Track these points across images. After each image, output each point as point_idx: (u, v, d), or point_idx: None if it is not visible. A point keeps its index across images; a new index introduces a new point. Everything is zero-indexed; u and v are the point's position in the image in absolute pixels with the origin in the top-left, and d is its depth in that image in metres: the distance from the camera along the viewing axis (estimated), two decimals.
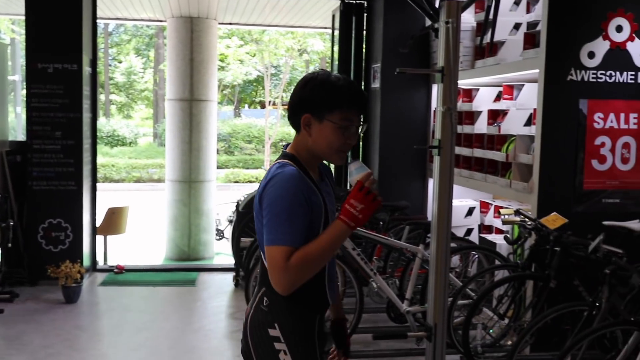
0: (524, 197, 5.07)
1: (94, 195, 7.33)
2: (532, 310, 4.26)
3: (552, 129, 4.81)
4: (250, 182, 20.77)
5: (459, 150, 6.03)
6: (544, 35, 4.79)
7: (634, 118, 4.90)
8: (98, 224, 7.67)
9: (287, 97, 28.88)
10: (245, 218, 6.73)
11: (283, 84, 19.98)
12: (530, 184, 4.90)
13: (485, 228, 6.52)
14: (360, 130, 2.27)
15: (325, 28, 10.36)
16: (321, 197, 2.23)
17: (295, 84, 2.39)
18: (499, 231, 6.25)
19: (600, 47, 4.82)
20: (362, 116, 2.27)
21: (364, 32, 7.57)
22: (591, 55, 4.82)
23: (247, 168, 22.36)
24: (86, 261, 6.96)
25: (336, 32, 7.99)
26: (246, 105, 33.13)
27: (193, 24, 9.35)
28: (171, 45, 9.53)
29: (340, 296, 2.62)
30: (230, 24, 10.30)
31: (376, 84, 7.21)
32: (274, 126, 20.27)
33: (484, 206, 6.56)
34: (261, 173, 21.10)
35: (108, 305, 6.16)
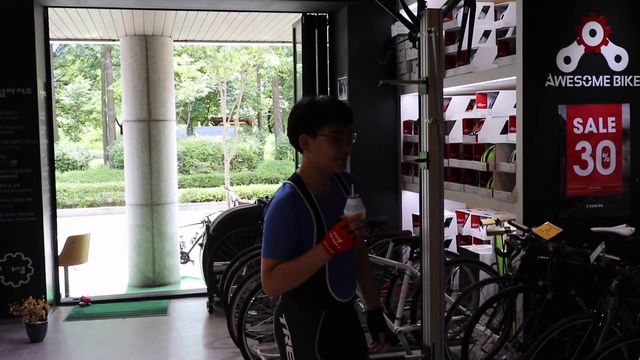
0: (507, 207, 4.98)
1: (54, 224, 6.98)
2: (529, 323, 4.15)
3: (532, 136, 4.75)
4: (208, 200, 20.39)
5: None
6: (519, 42, 4.73)
7: (612, 122, 4.88)
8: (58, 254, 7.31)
9: (243, 112, 28.67)
10: (217, 241, 6.48)
11: (239, 100, 19.68)
12: (514, 193, 4.82)
13: (462, 238, 6.43)
14: (352, 139, 2.58)
15: (283, 42, 10.19)
16: (314, 216, 2.51)
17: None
18: (478, 241, 6.17)
19: (576, 51, 4.79)
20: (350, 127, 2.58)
21: (327, 44, 7.44)
22: (567, 60, 4.78)
23: (204, 186, 21.98)
24: (49, 295, 6.60)
25: (298, 46, 7.84)
26: (199, 123, 32.71)
27: (147, 42, 9.07)
28: (125, 65, 9.22)
29: (373, 288, 2.90)
30: (185, 41, 10.03)
31: (343, 97, 7.08)
32: (230, 142, 19.97)
33: (460, 216, 6.48)
34: (219, 191, 20.73)
35: (77, 342, 5.82)
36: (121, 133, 28.64)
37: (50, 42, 7.60)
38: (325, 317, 2.60)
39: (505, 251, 4.37)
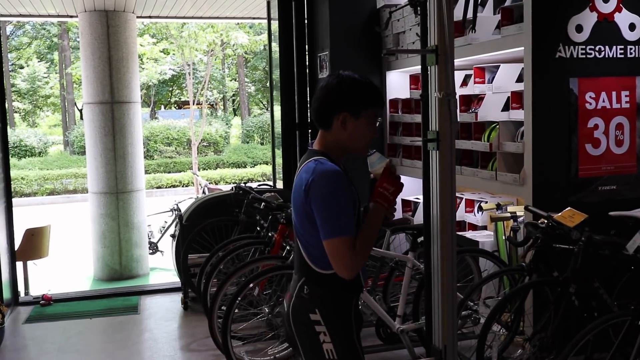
0: (513, 190, 4.57)
1: (9, 216, 6.37)
2: (548, 319, 3.75)
3: (542, 113, 4.33)
4: (174, 186, 19.73)
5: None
6: (528, 9, 4.29)
7: (626, 96, 4.49)
8: (16, 248, 6.69)
9: (212, 95, 27.85)
10: (191, 232, 5.95)
11: (206, 82, 18.93)
12: (522, 175, 4.41)
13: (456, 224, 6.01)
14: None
15: (254, 19, 9.62)
16: (354, 188, 2.43)
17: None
18: (472, 227, 5.77)
19: (588, 19, 4.37)
20: None
21: (305, 19, 6.90)
22: (579, 29, 4.37)
23: (169, 172, 21.29)
24: (6, 294, 6.01)
25: (273, 22, 7.30)
26: (162, 107, 31.82)
27: (109, 18, 8.42)
28: (85, 43, 8.56)
29: None
30: (149, 17, 9.38)
31: (324, 74, 6.58)
32: (197, 126, 19.27)
33: None
34: (185, 176, 20.05)
35: (40, 348, 5.24)
36: (81, 118, 27.69)
37: (4, 18, 6.93)
38: (355, 304, 2.49)
39: (519, 240, 3.94)
